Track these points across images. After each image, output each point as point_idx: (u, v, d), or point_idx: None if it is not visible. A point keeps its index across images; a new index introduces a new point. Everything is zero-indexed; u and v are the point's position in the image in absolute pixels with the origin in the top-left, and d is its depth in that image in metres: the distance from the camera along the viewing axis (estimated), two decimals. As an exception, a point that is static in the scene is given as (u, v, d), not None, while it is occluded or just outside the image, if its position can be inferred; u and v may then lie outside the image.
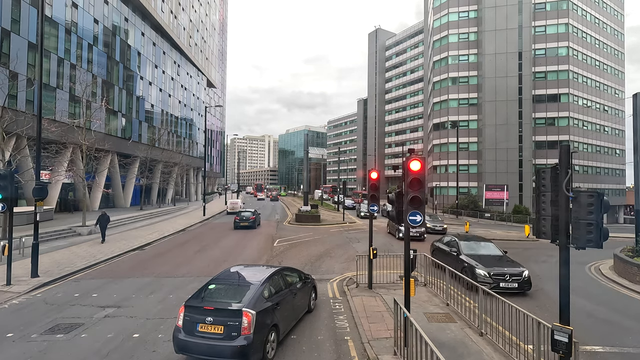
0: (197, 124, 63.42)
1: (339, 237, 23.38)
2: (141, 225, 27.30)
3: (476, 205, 42.25)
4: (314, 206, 38.06)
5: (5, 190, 11.03)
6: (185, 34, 55.40)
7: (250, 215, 27.25)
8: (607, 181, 55.94)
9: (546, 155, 47.11)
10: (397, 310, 6.71)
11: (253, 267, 9.04)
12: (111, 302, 9.88)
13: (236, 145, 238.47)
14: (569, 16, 48.60)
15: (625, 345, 7.75)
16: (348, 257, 16.51)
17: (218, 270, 12.63)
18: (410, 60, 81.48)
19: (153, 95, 45.58)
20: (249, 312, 6.30)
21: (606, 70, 55.09)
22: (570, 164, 6.17)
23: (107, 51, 35.57)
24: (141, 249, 18.25)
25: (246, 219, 26.89)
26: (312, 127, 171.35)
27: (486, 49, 48.10)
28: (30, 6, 25.93)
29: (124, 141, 37.94)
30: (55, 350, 7.10)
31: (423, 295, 10.68)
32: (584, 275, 14.70)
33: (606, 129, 55.20)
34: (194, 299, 6.86)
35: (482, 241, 13.99)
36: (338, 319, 8.93)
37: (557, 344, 4.71)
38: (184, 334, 6.34)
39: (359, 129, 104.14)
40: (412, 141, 79.42)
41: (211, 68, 72.74)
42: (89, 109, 27.10)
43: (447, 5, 52.77)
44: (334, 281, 12.57)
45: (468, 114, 50.79)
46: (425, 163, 6.85)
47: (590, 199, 4.69)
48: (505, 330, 7.16)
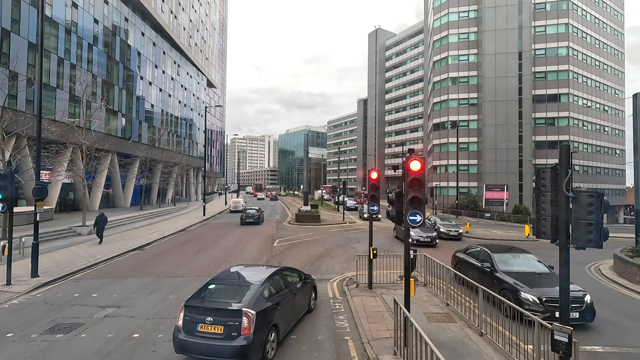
0: (197, 124, 63.41)
1: (339, 237, 23.38)
2: (141, 225, 27.30)
3: (476, 205, 42.26)
4: (314, 206, 38.07)
5: (5, 190, 11.04)
6: (185, 34, 55.40)
7: (255, 212, 30.41)
8: (607, 181, 55.94)
9: (546, 155, 47.10)
10: (397, 310, 6.71)
11: (253, 267, 9.04)
12: (111, 302, 9.88)
13: (236, 145, 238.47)
14: (569, 16, 48.60)
15: (625, 345, 7.75)
16: (348, 257, 16.51)
17: (218, 270, 12.63)
18: (410, 60, 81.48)
19: (153, 95, 45.58)
20: (249, 312, 6.30)
21: (606, 70, 55.08)
22: (570, 164, 6.17)
23: (107, 51, 35.57)
24: (141, 249, 18.25)
25: (252, 216, 29.96)
26: (312, 127, 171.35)
27: (486, 49, 48.09)
28: (30, 6, 25.93)
29: (124, 141, 37.93)
30: (55, 350, 7.10)
31: (423, 295, 10.68)
32: (584, 275, 14.70)
33: (606, 129, 55.20)
34: (194, 299, 6.86)
35: (520, 253, 11.09)
36: (338, 319, 8.93)
37: (557, 344, 4.72)
38: (184, 334, 6.34)
39: (359, 129, 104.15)
40: (412, 141, 79.42)
41: (211, 68, 72.73)
42: (89, 109, 27.08)
43: (447, 5, 52.76)
44: (334, 281, 12.58)
45: (468, 114, 50.78)
46: (425, 163, 6.84)
47: (590, 199, 4.69)
48: (505, 330, 7.16)
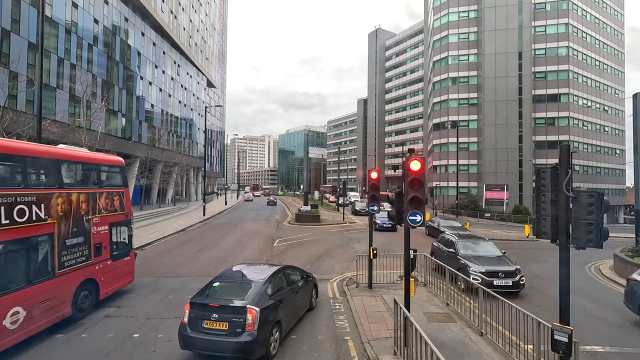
0: (197, 124, 63.40)
1: (339, 237, 23.38)
2: (141, 225, 27.29)
3: (476, 205, 42.25)
4: (314, 206, 38.06)
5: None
6: (185, 34, 55.39)
7: (274, 198, 63.43)
8: (607, 181, 55.94)
9: (546, 155, 47.10)
10: (397, 310, 6.71)
11: (255, 265, 9.11)
12: (111, 302, 9.87)
13: (236, 145, 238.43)
14: (569, 16, 48.59)
15: (625, 345, 7.75)
16: (348, 257, 16.51)
17: (218, 270, 12.63)
18: (410, 60, 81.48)
19: (153, 95, 45.57)
20: (253, 308, 6.42)
21: (606, 70, 55.08)
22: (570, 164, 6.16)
23: (107, 51, 35.55)
24: (141, 249, 18.23)
25: (272, 202, 57.44)
26: (312, 127, 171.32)
27: (486, 49, 48.09)
28: (30, 6, 25.92)
29: (124, 141, 37.91)
30: (55, 350, 7.10)
31: (423, 295, 10.68)
32: (584, 275, 14.70)
33: (606, 129, 55.19)
34: (198, 296, 6.99)
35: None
36: (338, 319, 8.93)
37: (557, 344, 4.72)
38: (189, 331, 6.48)
39: (359, 129, 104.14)
40: (412, 141, 79.42)
41: (211, 68, 72.72)
42: (89, 109, 27.07)
43: (447, 5, 52.75)
44: (334, 281, 12.58)
45: (468, 114, 50.78)
46: (425, 163, 6.85)
47: (590, 199, 4.69)
48: (505, 330, 7.16)
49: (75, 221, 8.56)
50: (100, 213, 9.50)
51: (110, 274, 9.79)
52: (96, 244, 9.26)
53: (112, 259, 9.89)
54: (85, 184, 9.46)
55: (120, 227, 10.38)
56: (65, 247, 8.20)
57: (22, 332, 6.92)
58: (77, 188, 9.01)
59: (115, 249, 10.07)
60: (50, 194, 7.95)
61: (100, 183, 9.96)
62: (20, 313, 6.88)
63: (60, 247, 8.06)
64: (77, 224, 8.62)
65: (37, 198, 7.52)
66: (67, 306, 8.16)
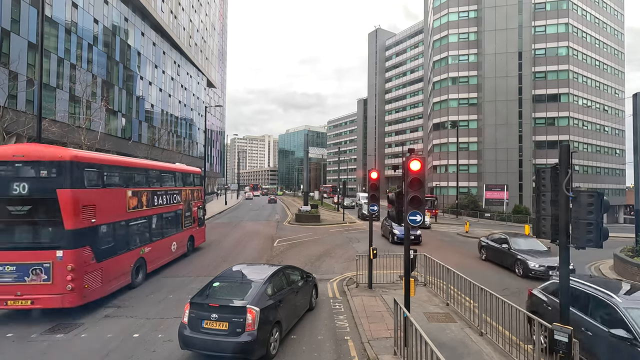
0: (197, 124, 63.39)
1: (339, 237, 23.38)
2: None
3: (476, 205, 42.24)
4: (314, 206, 38.04)
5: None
6: (185, 34, 55.39)
7: (275, 197, 70.83)
8: (607, 181, 55.92)
9: (546, 155, 47.08)
10: (397, 310, 6.71)
11: (255, 265, 9.11)
12: (111, 302, 9.88)
13: (236, 145, 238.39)
14: (569, 16, 48.57)
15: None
16: (348, 257, 16.52)
17: (218, 270, 12.63)
18: (410, 60, 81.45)
19: (153, 95, 45.56)
20: (253, 308, 6.41)
21: (606, 70, 55.07)
22: (570, 163, 6.16)
23: (107, 51, 35.55)
24: (141, 249, 18.24)
25: (273, 200, 63.85)
26: (312, 127, 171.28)
27: (486, 49, 48.07)
28: (30, 6, 25.92)
29: (124, 141, 37.90)
30: (55, 350, 7.10)
31: (423, 295, 10.67)
32: (584, 274, 14.67)
33: (606, 129, 55.17)
34: (198, 296, 6.97)
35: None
36: (338, 319, 8.93)
37: (557, 344, 4.72)
38: (189, 330, 6.47)
39: (358, 129, 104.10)
40: (412, 141, 79.40)
41: (211, 68, 72.72)
42: (89, 109, 27.05)
43: (447, 5, 52.73)
44: (334, 281, 12.58)
45: (468, 114, 50.75)
46: (425, 163, 6.85)
47: (590, 199, 4.69)
48: (505, 330, 7.16)
49: (188, 204, 16.17)
50: (194, 200, 17.08)
51: (198, 234, 17.69)
52: (194, 217, 16.97)
53: (199, 226, 17.76)
54: (190, 185, 16.88)
55: (201, 209, 18.03)
56: (185, 217, 15.80)
57: (175, 254, 14.66)
58: (188, 186, 16.51)
59: (200, 221, 17.94)
60: (182, 189, 15.66)
61: (194, 184, 17.49)
62: (175, 244, 14.75)
63: (184, 217, 15.68)
64: (188, 205, 16.21)
65: (178, 191, 15.26)
66: (185, 247, 15.83)
